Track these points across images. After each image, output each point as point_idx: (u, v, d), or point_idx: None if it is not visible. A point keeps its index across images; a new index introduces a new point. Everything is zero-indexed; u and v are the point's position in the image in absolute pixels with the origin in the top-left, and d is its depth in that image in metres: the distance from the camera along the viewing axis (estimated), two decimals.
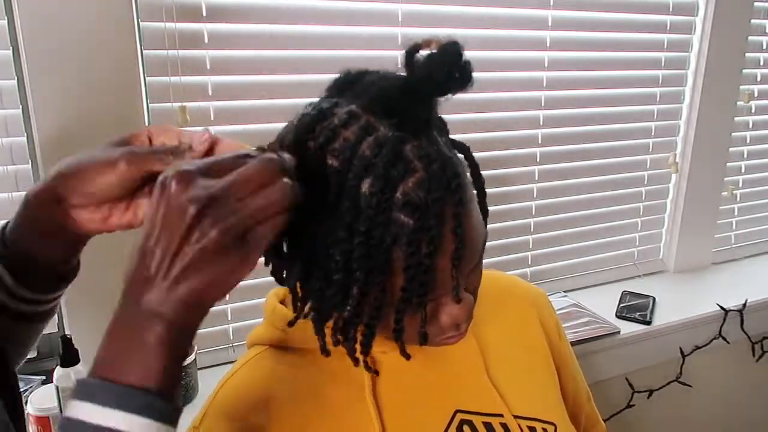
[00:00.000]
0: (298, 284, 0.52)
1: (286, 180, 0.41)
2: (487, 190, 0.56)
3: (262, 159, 0.41)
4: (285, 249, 0.50)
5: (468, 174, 0.53)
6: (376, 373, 0.57)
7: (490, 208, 0.57)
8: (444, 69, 0.45)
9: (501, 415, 0.61)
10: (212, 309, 0.43)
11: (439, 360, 0.62)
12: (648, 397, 1.48)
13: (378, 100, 0.48)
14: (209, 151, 0.49)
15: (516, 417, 0.61)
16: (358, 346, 0.52)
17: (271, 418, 0.58)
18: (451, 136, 0.55)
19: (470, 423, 0.60)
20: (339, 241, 0.46)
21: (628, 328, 1.36)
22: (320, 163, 0.47)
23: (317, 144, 0.47)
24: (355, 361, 0.54)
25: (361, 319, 0.49)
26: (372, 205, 0.45)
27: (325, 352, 0.54)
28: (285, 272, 0.52)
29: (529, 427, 0.61)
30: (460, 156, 0.54)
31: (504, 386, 0.63)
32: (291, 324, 0.56)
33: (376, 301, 0.48)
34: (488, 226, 0.56)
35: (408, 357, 0.54)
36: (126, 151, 0.48)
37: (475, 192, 0.54)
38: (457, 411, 0.61)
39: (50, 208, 0.49)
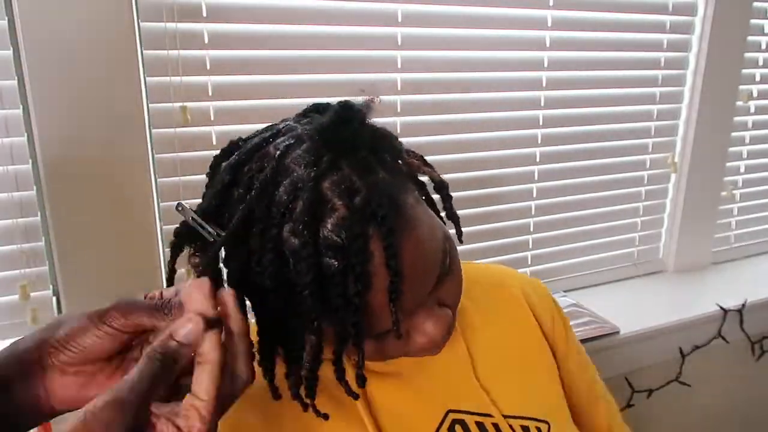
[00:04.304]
0: None
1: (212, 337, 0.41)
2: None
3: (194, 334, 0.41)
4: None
5: (414, 193, 0.51)
6: (356, 397, 0.55)
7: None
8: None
9: (491, 416, 0.61)
10: None
11: (427, 362, 0.62)
12: (648, 397, 1.48)
13: (319, 130, 0.48)
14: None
15: (508, 417, 0.61)
16: (303, 391, 0.51)
17: (262, 418, 0.58)
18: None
19: (462, 422, 0.60)
20: (267, 292, 0.45)
21: (628, 327, 1.36)
22: (244, 212, 0.46)
23: (238, 194, 0.47)
24: (304, 407, 0.53)
25: (300, 365, 0.49)
26: (294, 254, 0.44)
27: (276, 396, 0.53)
28: None
29: (522, 426, 0.61)
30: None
31: (493, 387, 0.63)
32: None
33: (313, 347, 0.47)
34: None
35: (356, 397, 0.53)
36: (117, 300, 0.46)
37: (426, 207, 0.51)
38: (449, 411, 0.61)
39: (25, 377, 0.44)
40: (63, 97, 0.92)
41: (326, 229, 0.44)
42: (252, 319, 0.52)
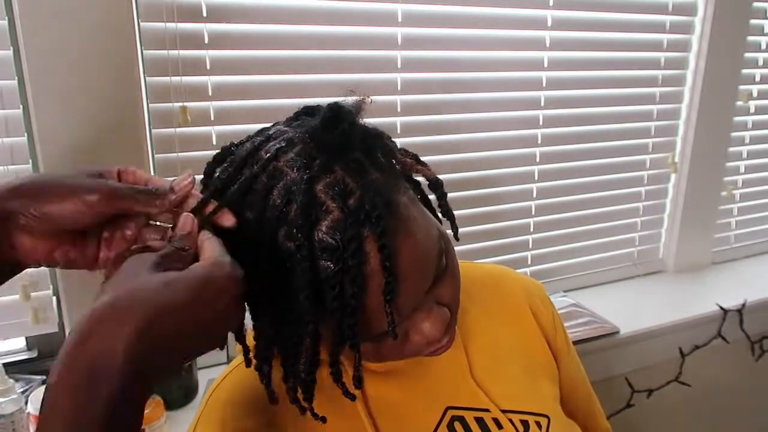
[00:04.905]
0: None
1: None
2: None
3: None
4: None
5: (409, 192, 0.51)
6: (353, 398, 0.54)
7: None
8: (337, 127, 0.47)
9: (489, 411, 0.61)
10: None
11: (425, 361, 0.62)
12: (647, 397, 1.48)
13: (310, 133, 0.48)
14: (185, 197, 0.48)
15: (506, 412, 0.61)
16: (300, 395, 0.51)
17: (262, 423, 0.58)
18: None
19: (461, 419, 0.60)
20: (263, 296, 0.45)
21: (628, 327, 1.36)
22: (240, 216, 0.46)
23: (234, 197, 0.47)
24: (302, 410, 0.52)
25: (297, 368, 0.49)
26: (290, 257, 0.44)
27: (273, 400, 0.52)
28: None
29: (522, 421, 0.61)
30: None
31: (492, 385, 0.63)
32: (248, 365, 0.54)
33: (309, 350, 0.47)
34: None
35: (353, 398, 0.53)
36: (105, 184, 0.45)
37: (421, 206, 0.51)
38: (448, 408, 0.61)
39: None
40: (63, 97, 0.92)
41: (321, 232, 0.44)
42: (249, 325, 0.52)
